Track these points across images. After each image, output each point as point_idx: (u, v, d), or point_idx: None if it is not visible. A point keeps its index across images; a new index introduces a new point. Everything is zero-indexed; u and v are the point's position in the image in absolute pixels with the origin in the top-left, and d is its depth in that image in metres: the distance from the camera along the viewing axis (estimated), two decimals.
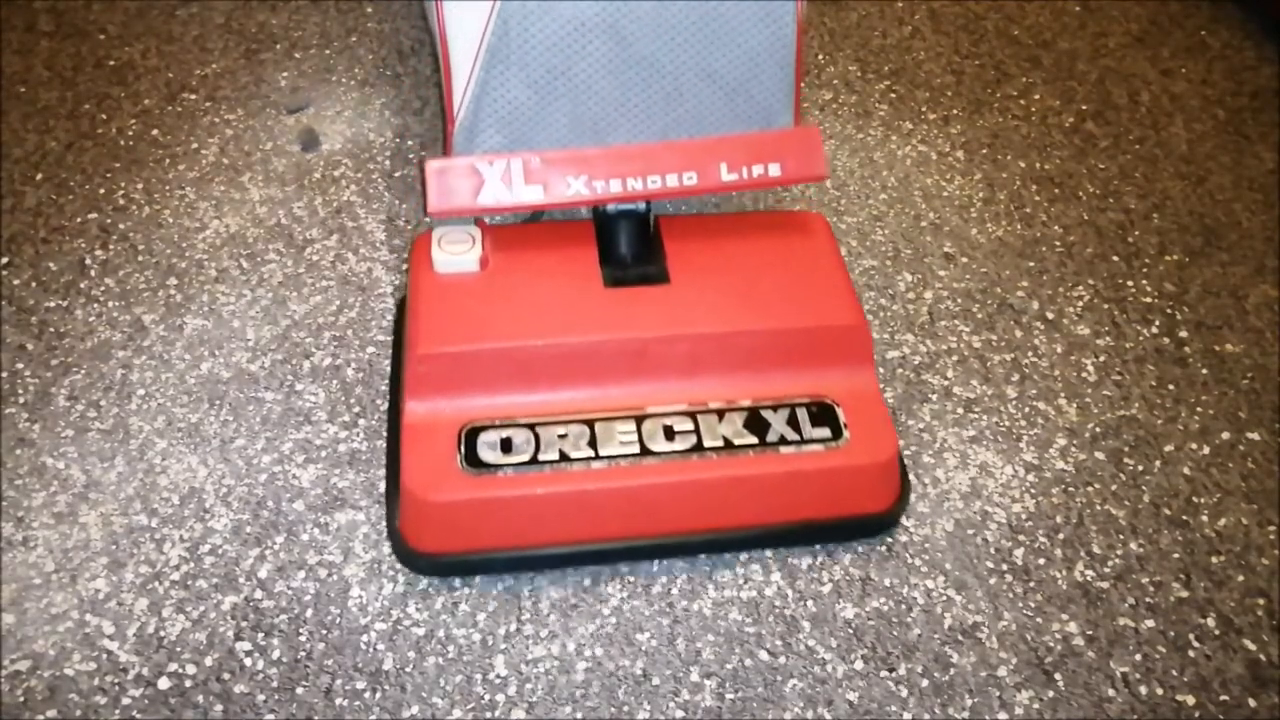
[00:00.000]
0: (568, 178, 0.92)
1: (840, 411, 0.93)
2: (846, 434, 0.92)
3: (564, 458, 0.89)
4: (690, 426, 0.92)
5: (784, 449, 0.91)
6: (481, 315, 0.92)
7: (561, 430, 0.90)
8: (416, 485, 0.88)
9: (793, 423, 0.92)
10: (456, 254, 0.95)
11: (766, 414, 0.92)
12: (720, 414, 0.92)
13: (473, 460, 0.89)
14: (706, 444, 0.90)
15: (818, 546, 0.96)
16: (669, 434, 0.91)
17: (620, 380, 0.93)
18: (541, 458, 0.89)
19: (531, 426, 0.91)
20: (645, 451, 0.90)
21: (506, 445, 0.90)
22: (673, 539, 0.93)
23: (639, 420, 0.92)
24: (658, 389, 0.93)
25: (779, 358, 0.94)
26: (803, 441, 0.91)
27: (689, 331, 0.93)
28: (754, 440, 0.91)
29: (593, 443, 0.90)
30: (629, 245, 0.99)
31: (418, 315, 0.93)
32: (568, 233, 1.01)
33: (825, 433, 0.92)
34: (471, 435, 0.90)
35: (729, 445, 0.91)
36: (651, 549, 0.93)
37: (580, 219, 1.03)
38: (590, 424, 0.91)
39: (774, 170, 0.95)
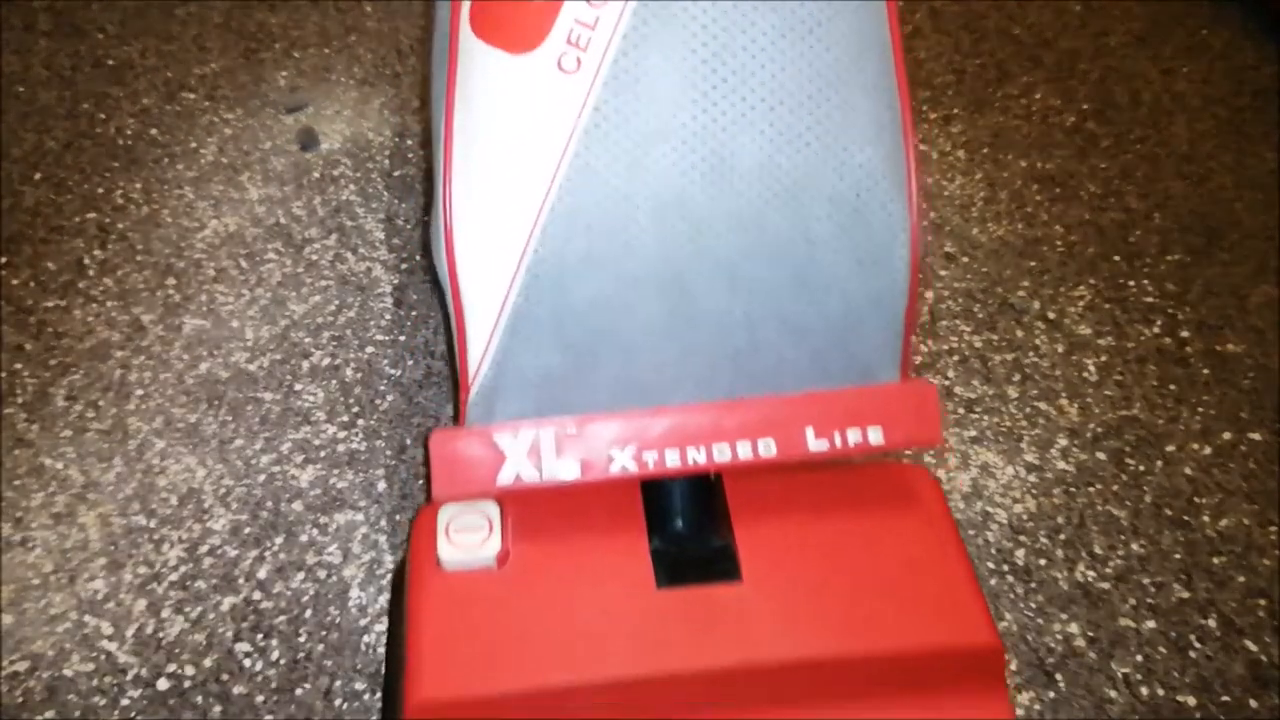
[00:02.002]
0: (611, 449, 0.73)
1: None
2: None
3: None
4: None
5: None
6: (499, 638, 0.71)
7: None
8: None
9: None
10: (469, 547, 0.74)
11: None
12: None
13: None
14: None
15: None
16: None
17: (680, 717, 0.71)
18: None
19: None
20: None
21: None
22: None
23: None
24: None
25: (886, 686, 0.72)
26: None
27: (769, 657, 0.70)
28: None
29: None
30: (687, 519, 0.78)
31: (418, 635, 0.72)
32: (609, 503, 0.79)
33: None
34: None
35: None
36: None
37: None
38: None
39: (874, 436, 0.75)
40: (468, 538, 0.74)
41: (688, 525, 0.77)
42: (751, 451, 0.74)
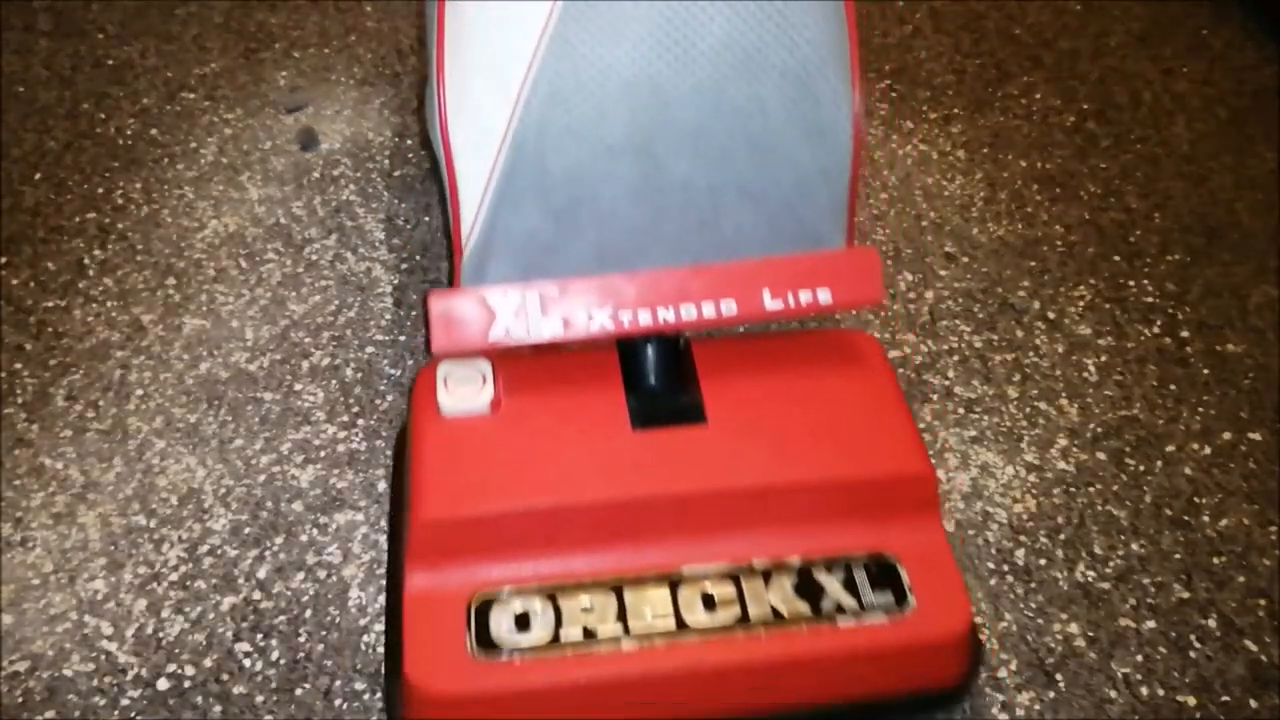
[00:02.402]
0: (591, 309, 0.81)
1: (904, 572, 0.81)
2: (912, 599, 0.79)
3: (589, 635, 0.77)
4: (733, 593, 0.79)
5: (841, 621, 0.78)
6: (494, 469, 0.81)
7: (586, 601, 0.79)
8: (421, 675, 0.76)
9: (850, 586, 0.80)
10: (465, 396, 0.84)
11: (820, 576, 0.80)
12: (766, 576, 0.80)
13: (484, 641, 0.77)
14: (752, 615, 0.78)
15: None
16: (709, 603, 0.79)
17: (652, 539, 0.81)
18: (564, 636, 0.77)
19: (552, 597, 0.79)
20: (682, 625, 0.78)
21: (523, 621, 0.78)
22: None
23: (674, 585, 0.80)
24: (695, 547, 0.81)
25: (832, 510, 0.83)
26: (862, 610, 0.79)
27: (730, 483, 0.81)
28: (806, 610, 0.79)
29: (622, 615, 0.78)
30: (658, 375, 0.88)
31: (421, 469, 0.82)
32: (589, 363, 0.89)
33: (888, 598, 0.79)
34: (483, 610, 0.78)
35: (778, 617, 0.78)
36: None
37: (602, 343, 0.91)
38: (618, 591, 0.79)
39: (824, 296, 0.84)
40: (464, 389, 0.84)
41: (659, 382, 0.87)
42: (715, 311, 0.82)
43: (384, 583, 0.93)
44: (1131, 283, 1.25)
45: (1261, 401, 1.12)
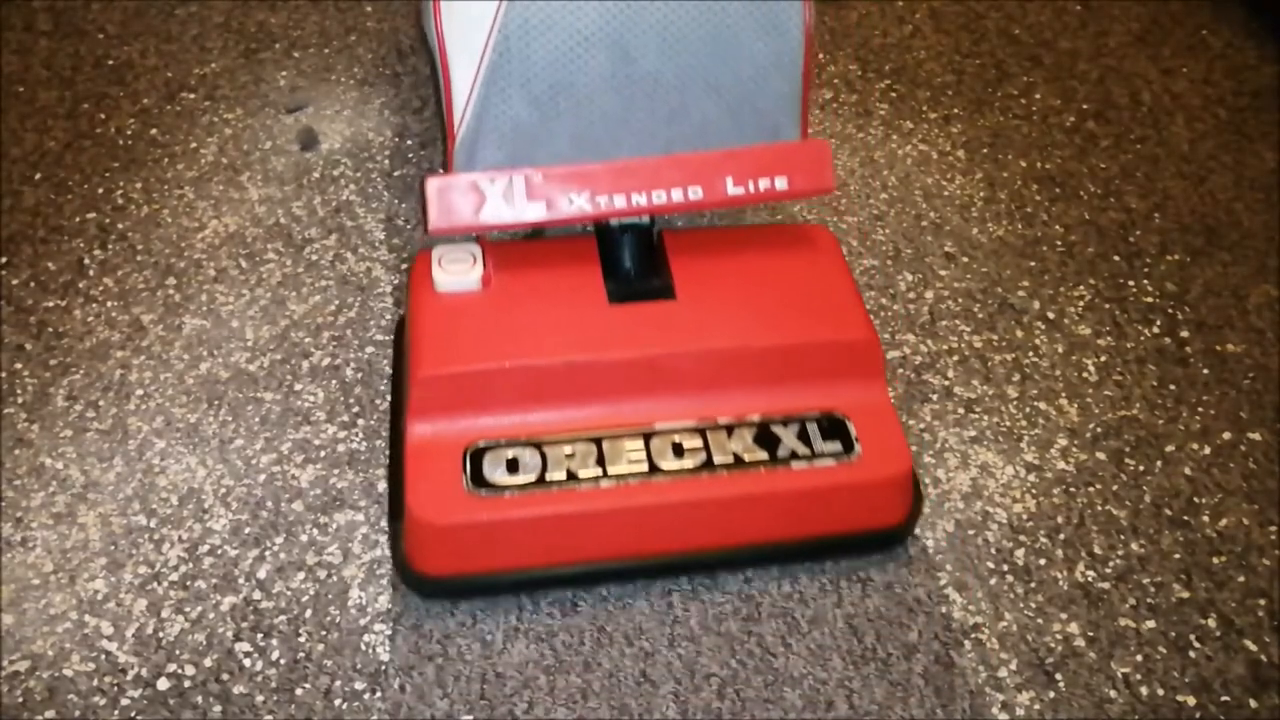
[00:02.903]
0: (570, 194, 0.90)
1: (851, 425, 0.92)
2: (858, 448, 0.91)
3: (572, 477, 0.87)
4: (699, 443, 0.90)
5: (795, 464, 0.89)
6: (484, 334, 0.91)
7: (569, 449, 0.89)
8: (422, 509, 0.86)
9: (803, 437, 0.91)
10: (458, 273, 0.93)
11: (777, 429, 0.91)
12: (729, 430, 0.91)
13: (478, 481, 0.87)
14: (716, 461, 0.89)
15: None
16: (678, 451, 0.89)
17: (627, 397, 0.91)
18: (549, 477, 0.87)
19: (538, 445, 0.89)
20: (654, 469, 0.88)
21: (513, 465, 0.88)
22: (681, 557, 0.92)
23: (647, 437, 0.90)
24: (666, 405, 0.91)
25: (788, 373, 0.93)
26: (814, 456, 0.90)
27: (696, 348, 0.91)
28: (764, 456, 0.90)
29: (600, 461, 0.88)
30: (633, 260, 0.97)
31: (419, 336, 0.91)
32: (571, 249, 0.99)
33: (836, 447, 0.90)
34: (477, 456, 0.88)
35: (739, 462, 0.89)
36: (659, 568, 0.93)
37: (583, 234, 1.01)
38: (598, 442, 0.89)
39: (780, 184, 0.93)
40: (456, 267, 0.94)
41: (634, 266, 0.97)
42: (683, 196, 0.92)
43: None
44: (1131, 283, 1.25)
45: (1261, 401, 1.12)
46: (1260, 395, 1.13)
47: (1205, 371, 1.15)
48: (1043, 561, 0.98)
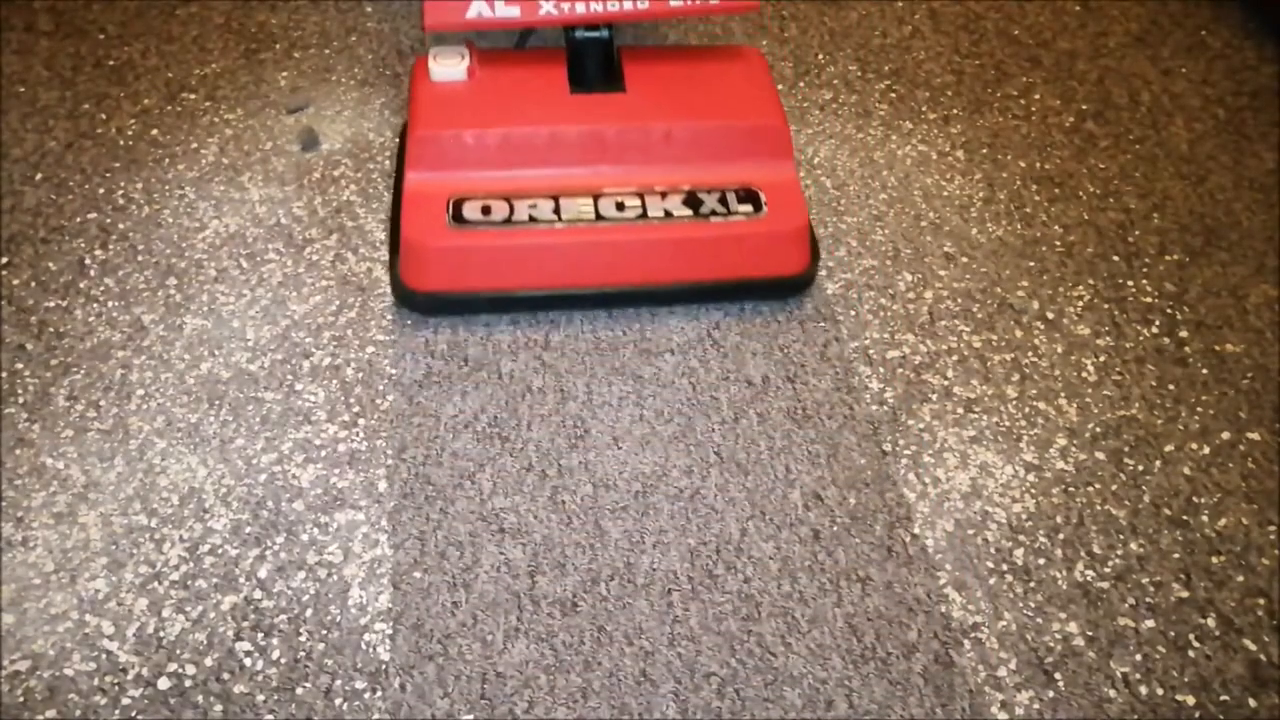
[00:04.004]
0: (541, 1, 1.14)
1: (762, 194, 1.16)
2: (766, 209, 1.15)
3: (532, 219, 1.13)
4: (638, 203, 1.15)
5: (714, 219, 1.14)
6: (468, 110, 1.15)
7: (531, 201, 1.14)
8: (415, 235, 1.12)
9: (723, 201, 1.16)
10: (449, 66, 1.17)
11: (701, 195, 1.16)
12: (663, 194, 1.16)
13: (459, 219, 1.12)
14: (651, 214, 1.14)
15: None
16: (620, 206, 1.15)
17: (580, 164, 1.16)
18: (514, 219, 1.13)
19: (507, 198, 1.14)
20: (599, 218, 1.14)
21: (486, 210, 1.13)
22: (620, 290, 1.16)
23: (596, 197, 1.15)
24: (611, 173, 1.17)
25: (713, 151, 1.17)
26: (729, 214, 1.15)
27: (638, 124, 1.16)
28: (690, 213, 1.15)
29: (556, 210, 1.14)
30: (593, 65, 1.20)
31: (417, 109, 1.16)
32: (543, 56, 1.23)
33: (749, 209, 1.15)
34: (458, 203, 1.14)
35: (669, 215, 1.14)
36: (603, 298, 1.17)
37: (556, 48, 1.24)
38: (555, 198, 1.15)
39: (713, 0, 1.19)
40: (448, 62, 1.18)
41: (594, 71, 1.20)
42: (633, 6, 1.15)
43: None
44: (1130, 283, 1.25)
45: (1260, 401, 1.13)
46: (1259, 395, 1.13)
47: (1204, 371, 1.16)
48: (1042, 561, 0.98)
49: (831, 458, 1.05)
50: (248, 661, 0.88)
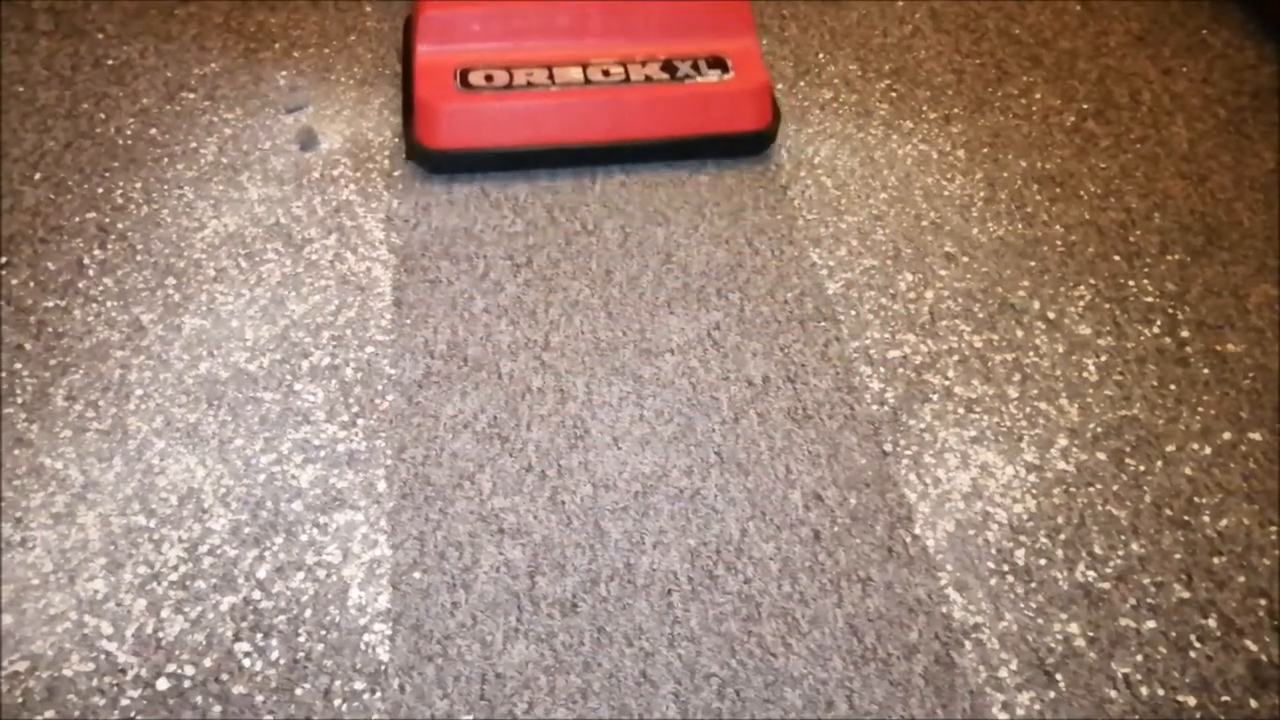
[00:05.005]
0: None
1: (729, 59, 1.38)
2: (732, 73, 1.37)
3: (530, 84, 1.34)
4: (621, 70, 1.36)
5: (687, 82, 1.36)
6: None
7: (528, 70, 1.35)
8: (428, 96, 1.31)
9: (695, 67, 1.37)
10: None
11: (676, 63, 1.38)
12: (643, 63, 1.37)
13: (466, 85, 1.32)
14: (633, 78, 1.36)
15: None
16: (606, 73, 1.36)
17: (571, 37, 1.37)
18: (513, 84, 1.33)
19: (507, 68, 1.35)
20: (588, 82, 1.34)
21: (489, 78, 1.34)
22: (608, 146, 1.35)
23: (584, 66, 1.36)
24: (599, 46, 1.38)
25: (686, 26, 1.39)
26: (700, 76, 1.36)
27: (622, 2, 1.38)
28: (666, 77, 1.36)
29: (550, 77, 1.35)
30: None
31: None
32: None
33: (718, 73, 1.37)
34: (464, 72, 1.34)
35: (649, 80, 1.36)
36: (594, 153, 1.36)
37: None
38: (549, 68, 1.35)
39: None
40: None
41: None
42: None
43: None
44: (1131, 282, 1.25)
45: (1261, 401, 1.12)
46: (1260, 395, 1.13)
47: (1205, 371, 1.15)
48: (1043, 562, 0.98)
49: (832, 458, 1.05)
50: (247, 662, 0.88)
